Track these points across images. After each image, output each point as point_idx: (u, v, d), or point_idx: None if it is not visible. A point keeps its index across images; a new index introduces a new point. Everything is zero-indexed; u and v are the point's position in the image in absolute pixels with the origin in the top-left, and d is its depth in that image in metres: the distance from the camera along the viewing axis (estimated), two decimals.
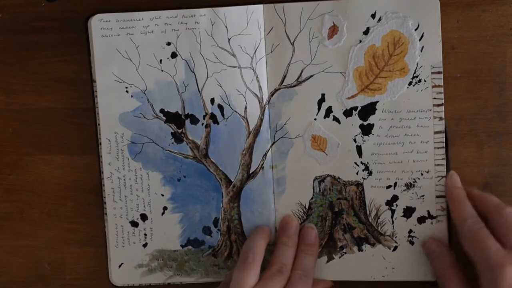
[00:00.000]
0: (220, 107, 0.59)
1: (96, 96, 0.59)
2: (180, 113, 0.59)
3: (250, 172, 0.59)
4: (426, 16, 0.57)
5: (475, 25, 0.58)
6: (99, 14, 0.58)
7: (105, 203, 0.60)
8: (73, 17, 0.59)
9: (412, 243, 0.59)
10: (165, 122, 0.60)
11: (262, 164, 0.59)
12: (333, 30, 0.58)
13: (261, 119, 0.59)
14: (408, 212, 0.59)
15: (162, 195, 0.60)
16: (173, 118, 0.60)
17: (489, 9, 0.58)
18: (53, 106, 0.60)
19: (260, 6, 0.58)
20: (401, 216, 0.59)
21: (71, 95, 0.60)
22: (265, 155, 0.59)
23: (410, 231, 0.59)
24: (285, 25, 0.58)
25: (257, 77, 0.59)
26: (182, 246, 0.61)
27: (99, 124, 0.59)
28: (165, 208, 0.60)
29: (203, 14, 0.58)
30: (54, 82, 0.60)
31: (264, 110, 0.59)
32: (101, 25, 0.58)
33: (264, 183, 0.59)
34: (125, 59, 0.59)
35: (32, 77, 0.60)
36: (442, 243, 0.58)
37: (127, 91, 0.59)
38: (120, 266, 0.61)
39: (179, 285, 0.61)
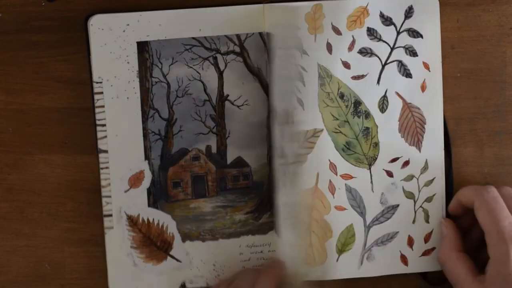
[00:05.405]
0: None
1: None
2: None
3: None
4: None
5: (475, 24, 0.58)
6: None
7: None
8: (73, 17, 0.59)
9: None
10: None
11: None
12: None
13: None
14: None
15: None
16: None
17: (489, 8, 0.58)
18: (53, 106, 0.60)
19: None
20: None
21: (71, 95, 0.60)
22: None
23: None
24: None
25: None
26: None
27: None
28: None
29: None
30: (54, 81, 0.60)
31: None
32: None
33: None
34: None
35: (32, 77, 0.60)
36: (451, 224, 0.57)
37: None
38: None
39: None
